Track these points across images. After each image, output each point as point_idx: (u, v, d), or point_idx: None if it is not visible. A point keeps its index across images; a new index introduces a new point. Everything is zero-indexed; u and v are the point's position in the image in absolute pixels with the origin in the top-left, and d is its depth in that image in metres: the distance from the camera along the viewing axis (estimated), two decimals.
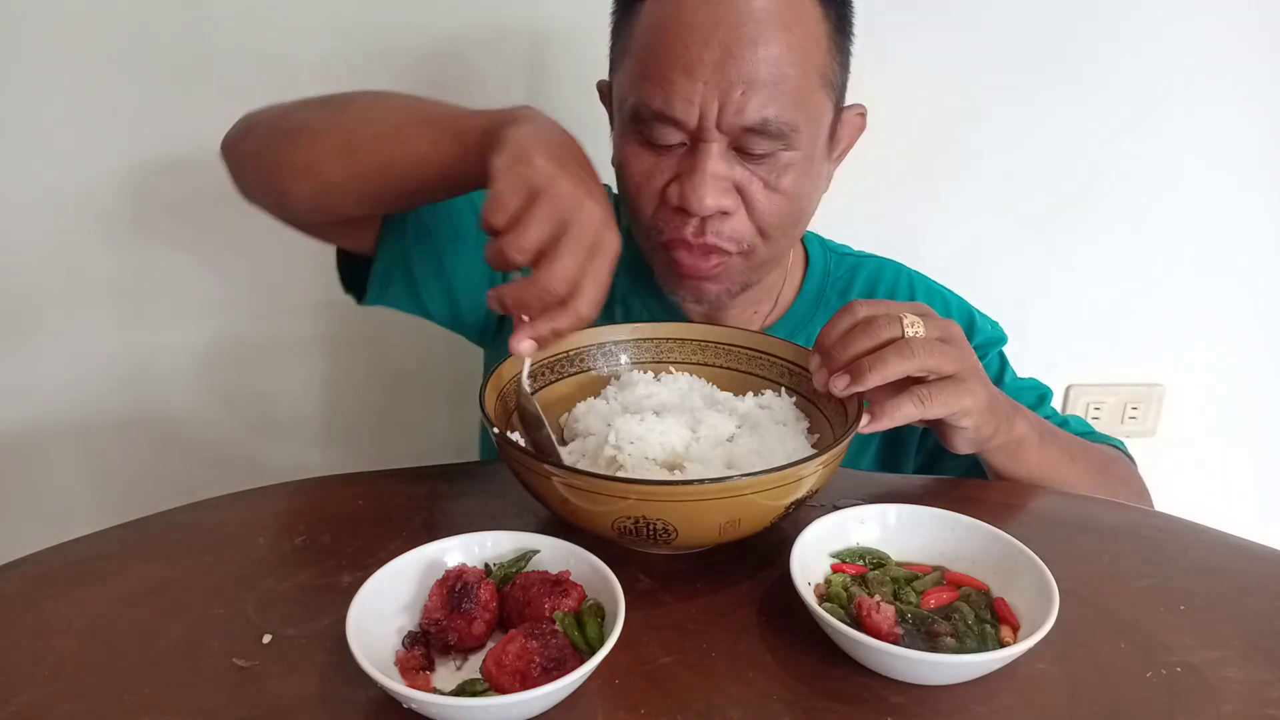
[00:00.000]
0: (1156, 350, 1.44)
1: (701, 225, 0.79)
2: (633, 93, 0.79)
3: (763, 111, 0.74)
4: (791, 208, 0.81)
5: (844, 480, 0.73)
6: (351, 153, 0.75)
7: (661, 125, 0.77)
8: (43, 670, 0.54)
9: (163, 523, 0.69)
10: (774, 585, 0.62)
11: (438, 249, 0.90)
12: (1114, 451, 0.89)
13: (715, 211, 0.78)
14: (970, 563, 0.60)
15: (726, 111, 0.74)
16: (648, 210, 0.82)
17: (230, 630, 0.57)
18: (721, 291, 0.85)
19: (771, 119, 0.75)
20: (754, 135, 0.76)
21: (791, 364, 0.76)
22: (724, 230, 0.79)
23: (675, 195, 0.78)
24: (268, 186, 0.82)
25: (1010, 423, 0.74)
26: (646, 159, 0.80)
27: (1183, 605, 0.60)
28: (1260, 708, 0.52)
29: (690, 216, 0.79)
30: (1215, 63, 1.26)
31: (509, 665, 0.49)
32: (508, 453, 0.62)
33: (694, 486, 0.57)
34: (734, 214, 0.79)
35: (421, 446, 1.38)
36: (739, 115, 0.74)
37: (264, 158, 0.81)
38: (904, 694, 0.52)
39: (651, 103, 0.76)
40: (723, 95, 0.74)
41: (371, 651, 0.50)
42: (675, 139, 0.78)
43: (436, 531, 0.59)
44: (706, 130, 0.75)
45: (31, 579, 0.62)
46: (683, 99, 0.75)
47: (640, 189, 0.81)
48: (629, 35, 0.80)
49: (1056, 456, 0.78)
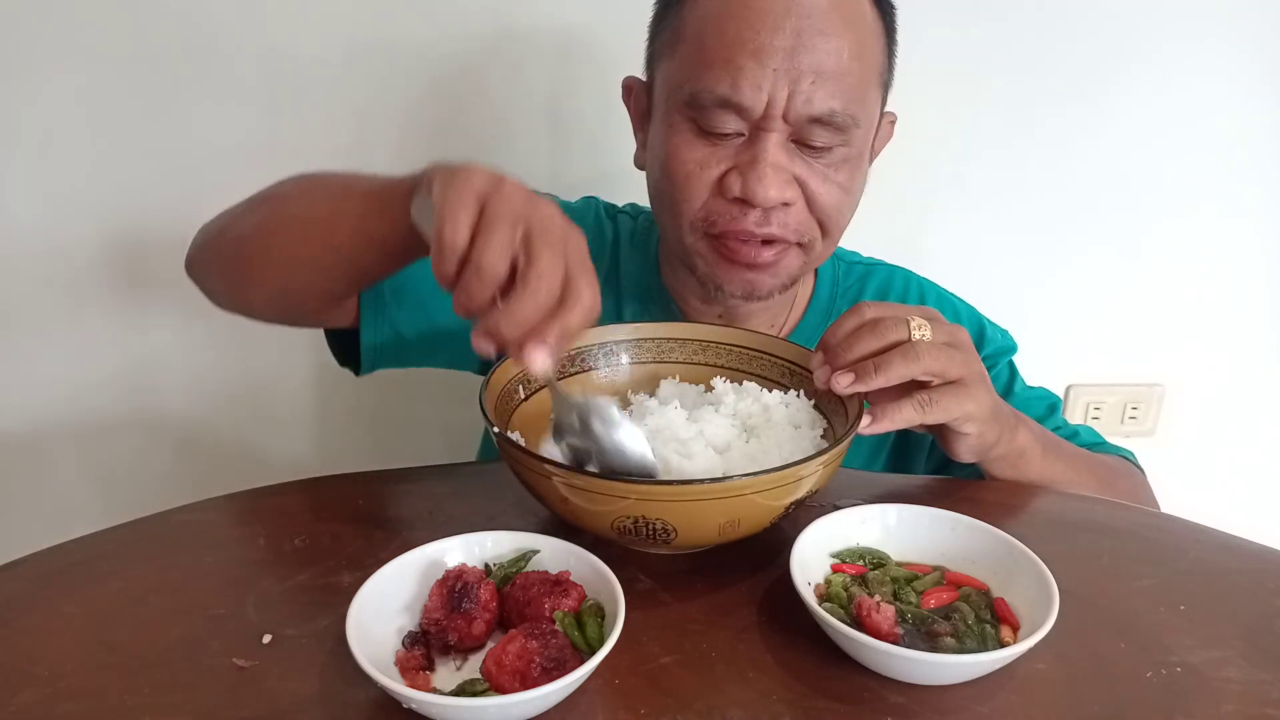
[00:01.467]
0: (1156, 350, 1.44)
1: (765, 216, 0.78)
2: (691, 79, 0.77)
3: (830, 103, 0.74)
4: (848, 203, 0.81)
5: (844, 480, 0.73)
6: (295, 253, 0.74)
7: (723, 112, 0.76)
8: (43, 670, 0.54)
9: (163, 523, 0.69)
10: (774, 585, 0.62)
11: (420, 304, 0.87)
12: (1122, 464, 0.88)
13: (778, 203, 0.77)
14: (970, 563, 0.60)
15: (796, 100, 0.74)
16: (697, 201, 0.80)
17: (230, 630, 0.57)
18: (775, 286, 0.84)
19: (839, 110, 0.75)
20: (817, 127, 0.75)
21: (793, 364, 0.76)
22: (789, 221, 0.79)
23: (736, 186, 0.77)
24: (232, 301, 0.83)
25: (1013, 433, 0.73)
26: (700, 149, 0.78)
27: (1183, 605, 0.60)
28: (1260, 707, 0.52)
29: (751, 208, 0.78)
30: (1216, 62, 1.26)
31: (509, 665, 0.49)
32: (507, 452, 0.62)
33: (694, 486, 0.57)
34: (794, 206, 0.78)
35: (421, 446, 1.38)
36: (808, 105, 0.74)
37: (219, 275, 0.82)
38: (904, 694, 0.52)
39: (717, 88, 0.75)
40: (793, 84, 0.74)
41: (371, 651, 0.50)
42: (733, 128, 0.77)
43: (436, 531, 0.59)
44: (771, 120, 0.75)
45: (31, 579, 0.62)
46: (752, 84, 0.74)
47: (691, 178, 0.79)
48: (682, 23, 0.79)
49: (1060, 469, 0.77)
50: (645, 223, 0.99)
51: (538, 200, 0.58)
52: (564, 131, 1.24)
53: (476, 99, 1.21)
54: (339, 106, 1.19)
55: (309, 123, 1.19)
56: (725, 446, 0.69)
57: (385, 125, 1.21)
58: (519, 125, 1.23)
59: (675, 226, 0.84)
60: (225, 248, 0.81)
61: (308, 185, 0.77)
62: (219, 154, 1.18)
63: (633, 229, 0.99)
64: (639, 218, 1.00)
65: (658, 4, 0.84)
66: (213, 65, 1.14)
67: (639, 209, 1.02)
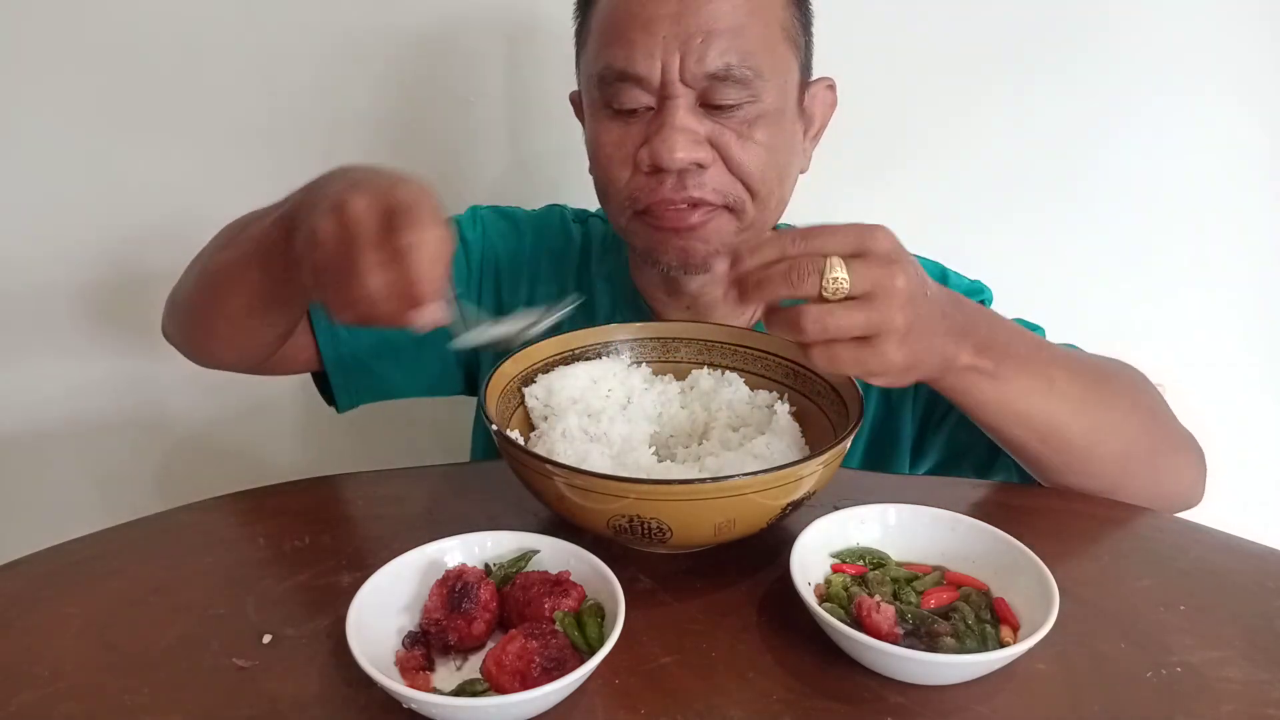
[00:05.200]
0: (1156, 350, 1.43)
1: (680, 181, 0.78)
2: (597, 60, 0.80)
3: (724, 58, 0.75)
4: (771, 160, 0.80)
5: (844, 480, 0.73)
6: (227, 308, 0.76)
7: (626, 86, 0.78)
8: (43, 670, 0.54)
9: (163, 523, 0.69)
10: (774, 585, 0.62)
11: (378, 333, 0.88)
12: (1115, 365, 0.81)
13: (688, 164, 0.77)
14: (970, 563, 0.60)
15: (688, 61, 0.75)
16: (621, 180, 0.81)
17: (230, 630, 0.57)
18: (709, 253, 0.82)
19: (735, 64, 0.76)
20: (719, 83, 0.76)
21: (795, 365, 0.76)
22: (705, 182, 0.79)
23: (647, 156, 0.78)
24: (202, 360, 0.87)
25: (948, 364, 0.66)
26: (615, 129, 0.80)
27: (1182, 605, 0.60)
28: (1260, 707, 0.52)
29: (665, 175, 0.78)
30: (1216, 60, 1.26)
31: (509, 665, 0.49)
32: (507, 451, 0.62)
33: (693, 486, 0.57)
34: (710, 167, 0.78)
35: (421, 446, 1.38)
36: (700, 63, 0.75)
37: (180, 339, 0.88)
38: (904, 694, 0.52)
39: (614, 63, 0.77)
40: (683, 46, 0.75)
41: (371, 652, 0.50)
42: (641, 101, 0.78)
43: (436, 531, 0.59)
44: (671, 85, 0.76)
45: (32, 579, 0.62)
46: (644, 54, 0.76)
47: (611, 159, 0.81)
48: (589, 19, 0.82)
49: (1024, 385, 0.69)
50: None
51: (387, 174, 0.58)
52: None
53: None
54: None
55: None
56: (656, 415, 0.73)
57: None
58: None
59: (611, 212, 0.85)
60: (178, 312, 0.86)
61: (226, 239, 0.79)
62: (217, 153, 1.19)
63: (605, 232, 0.99)
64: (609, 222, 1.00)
65: (575, 10, 0.86)
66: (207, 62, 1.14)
67: None
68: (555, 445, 0.68)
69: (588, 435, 0.70)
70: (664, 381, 0.78)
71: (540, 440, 0.70)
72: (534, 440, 0.71)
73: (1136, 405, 0.75)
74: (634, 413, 0.73)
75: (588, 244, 0.99)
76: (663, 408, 0.75)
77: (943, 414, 0.87)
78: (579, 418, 0.71)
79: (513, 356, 0.73)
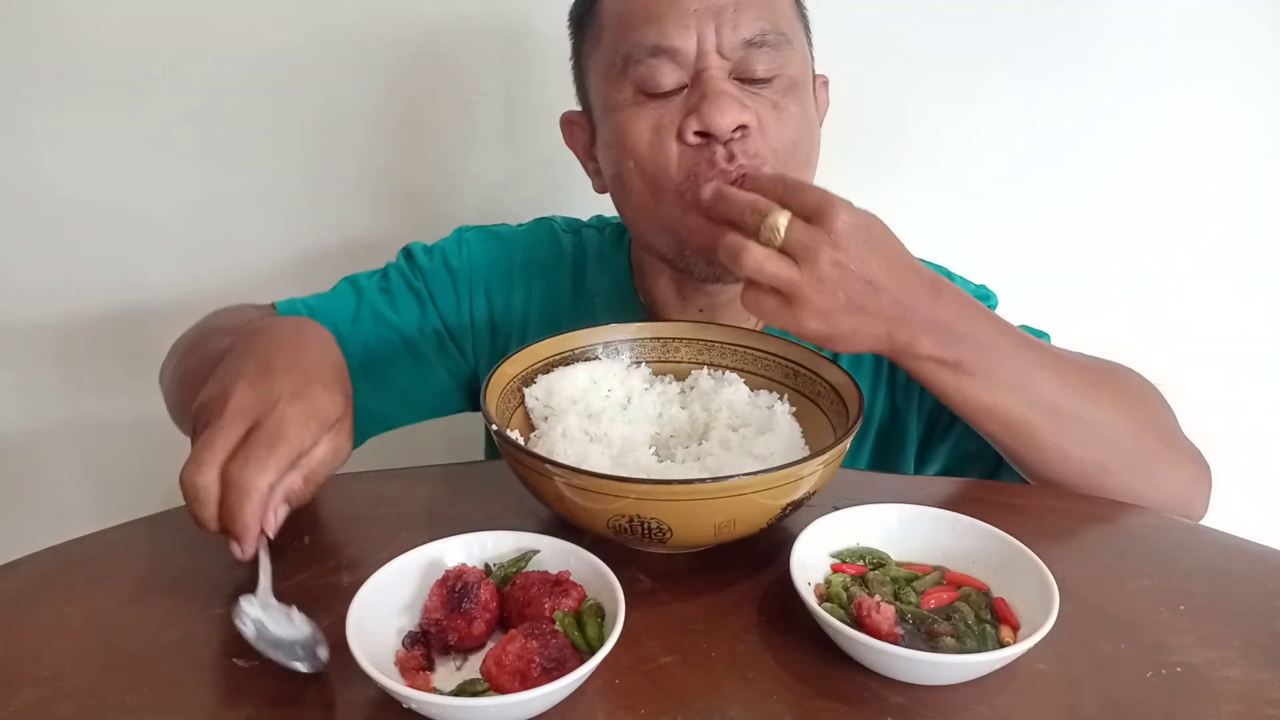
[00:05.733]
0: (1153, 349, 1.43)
1: (729, 150, 0.76)
2: (622, 44, 0.78)
3: (759, 23, 0.76)
4: (801, 135, 0.80)
5: (844, 480, 0.73)
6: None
7: (659, 64, 0.76)
8: (43, 670, 0.54)
9: (163, 522, 0.69)
10: (774, 585, 0.62)
11: (372, 375, 0.90)
12: (1115, 371, 0.81)
13: (737, 126, 0.76)
14: (970, 563, 0.60)
15: (724, 31, 0.76)
16: (671, 165, 0.78)
17: (230, 630, 0.56)
18: None
19: (770, 29, 0.77)
20: (754, 51, 0.77)
21: (796, 365, 0.76)
22: (748, 149, 0.77)
23: (695, 123, 0.76)
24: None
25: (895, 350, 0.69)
26: (650, 112, 0.78)
27: (1183, 605, 0.60)
28: (1260, 708, 0.52)
29: (715, 145, 0.76)
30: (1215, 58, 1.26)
31: (509, 665, 0.49)
32: (507, 451, 0.62)
33: (693, 486, 0.57)
34: (754, 131, 0.77)
35: (422, 446, 1.38)
36: (737, 30, 0.76)
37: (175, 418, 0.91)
38: (904, 694, 0.52)
39: (646, 40, 0.77)
40: (716, 16, 0.75)
41: (371, 651, 0.50)
42: (674, 80, 0.77)
43: (436, 531, 0.59)
44: (707, 55, 0.76)
45: (32, 579, 0.62)
46: (678, 27, 0.75)
47: (654, 145, 0.78)
48: (599, 20, 0.81)
49: (991, 381, 0.69)
50: (613, 234, 0.99)
51: (224, 388, 0.60)
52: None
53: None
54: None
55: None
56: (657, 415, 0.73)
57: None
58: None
59: (655, 211, 0.81)
60: (167, 397, 0.91)
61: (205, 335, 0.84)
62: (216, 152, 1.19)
63: (600, 242, 0.99)
64: (605, 230, 1.00)
65: (570, 22, 0.86)
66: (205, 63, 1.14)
67: (605, 221, 1.01)
68: (555, 445, 0.68)
69: (588, 435, 0.70)
70: (664, 382, 0.78)
71: (540, 440, 0.70)
72: (534, 440, 0.71)
73: (1122, 413, 0.75)
74: (634, 413, 0.73)
75: (581, 255, 0.98)
76: (663, 408, 0.75)
77: (949, 421, 0.87)
78: (579, 418, 0.71)
79: (512, 357, 0.73)
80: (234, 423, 0.58)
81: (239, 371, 0.61)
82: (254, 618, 0.54)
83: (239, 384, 0.60)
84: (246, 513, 0.56)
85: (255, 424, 0.58)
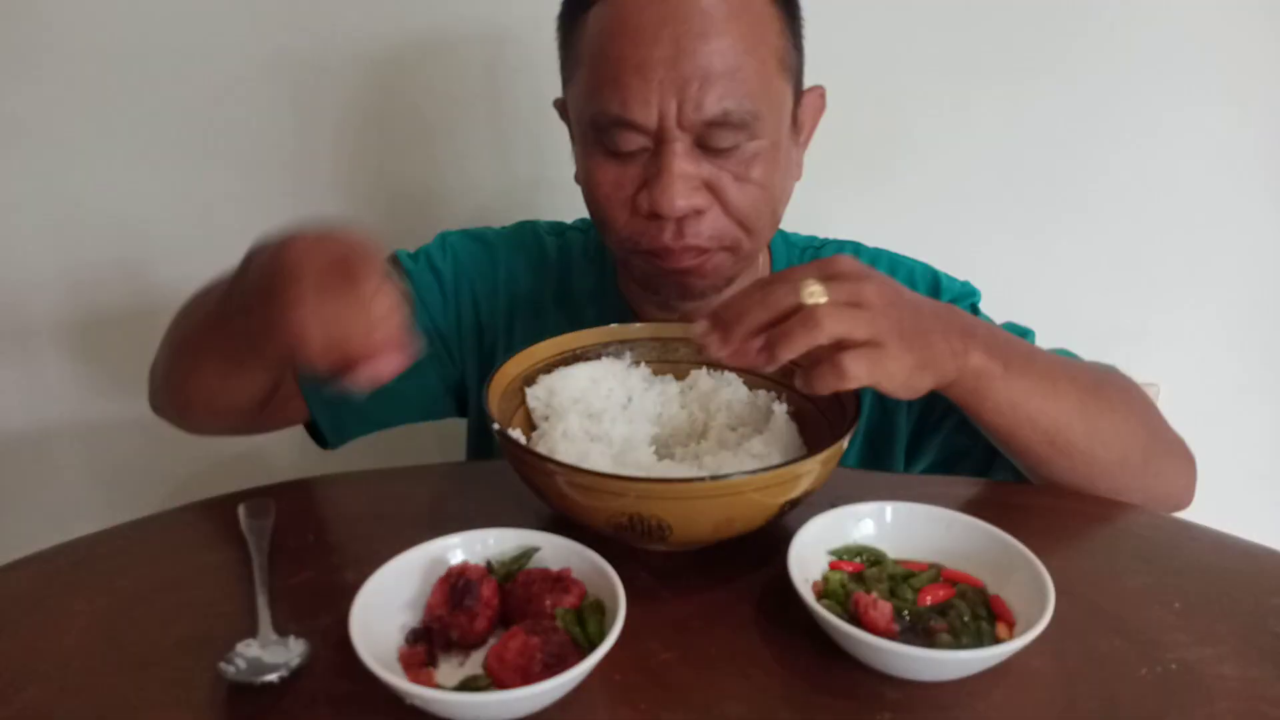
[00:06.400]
0: (1153, 350, 1.44)
1: (679, 228, 0.78)
2: (589, 103, 0.77)
3: (722, 103, 0.73)
4: (766, 196, 0.80)
5: (841, 479, 0.73)
6: (203, 381, 0.76)
7: (622, 131, 0.76)
8: (47, 667, 0.54)
9: (167, 521, 0.69)
10: (772, 582, 0.62)
11: None
12: (1107, 371, 0.82)
13: (688, 212, 0.76)
14: (966, 560, 0.61)
15: (686, 108, 0.73)
16: (620, 221, 0.80)
17: (233, 628, 0.57)
18: (708, 287, 0.83)
19: (733, 109, 0.74)
20: (717, 129, 0.74)
21: (795, 365, 0.76)
22: (702, 230, 0.78)
23: (646, 202, 0.77)
24: (191, 429, 0.88)
25: (960, 365, 0.65)
26: (611, 170, 0.79)
27: (1177, 603, 0.61)
28: (1254, 704, 0.52)
29: (665, 221, 0.77)
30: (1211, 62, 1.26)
31: (511, 661, 0.50)
32: (509, 450, 0.63)
33: (692, 484, 0.57)
34: (708, 211, 0.78)
35: (423, 446, 1.38)
36: (698, 110, 0.73)
37: (168, 413, 0.87)
38: (900, 690, 0.53)
39: (609, 109, 0.75)
40: (679, 92, 0.73)
41: (375, 648, 0.50)
42: (638, 144, 0.76)
43: (438, 529, 0.59)
44: (668, 130, 0.74)
45: (36, 577, 0.63)
46: (640, 101, 0.73)
47: (609, 200, 0.80)
48: (579, 46, 0.79)
49: (1031, 386, 0.69)
50: (598, 236, 0.98)
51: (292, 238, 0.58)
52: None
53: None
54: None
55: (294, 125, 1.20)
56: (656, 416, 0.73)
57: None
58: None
59: (609, 243, 0.85)
60: (159, 387, 0.86)
61: (193, 306, 0.80)
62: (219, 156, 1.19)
63: (584, 243, 0.99)
64: (590, 231, 1.00)
65: (559, 32, 0.84)
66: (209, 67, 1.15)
67: (589, 223, 1.00)
68: (556, 445, 0.69)
69: (588, 435, 0.70)
70: (664, 381, 0.78)
71: (541, 440, 0.70)
72: (535, 440, 0.71)
73: (1131, 410, 0.76)
74: (634, 413, 0.74)
75: (566, 257, 0.98)
76: (662, 408, 0.76)
77: (940, 416, 0.87)
78: (580, 418, 0.71)
79: (514, 357, 0.74)
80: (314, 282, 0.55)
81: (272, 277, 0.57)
82: (250, 657, 0.54)
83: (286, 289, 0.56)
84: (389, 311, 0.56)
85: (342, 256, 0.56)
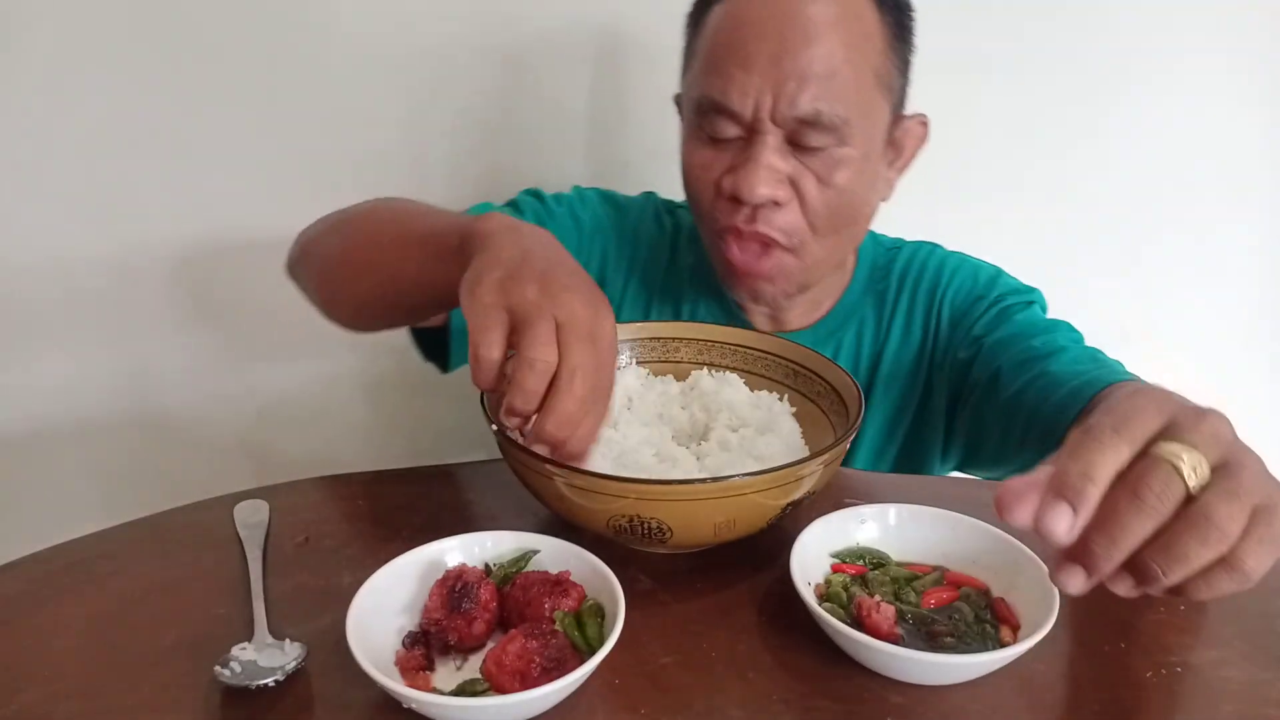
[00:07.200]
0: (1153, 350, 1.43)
1: (753, 214, 0.81)
2: (696, 87, 0.83)
3: (815, 104, 0.77)
4: (843, 203, 0.82)
5: (844, 480, 0.73)
6: (370, 284, 0.78)
7: (719, 117, 0.80)
8: (44, 669, 0.54)
9: (164, 522, 0.69)
10: (774, 585, 0.62)
11: None
12: None
13: (767, 200, 0.80)
14: (970, 562, 0.60)
15: (780, 103, 0.77)
16: (705, 201, 0.85)
17: (231, 630, 0.57)
18: (777, 292, 0.87)
19: (824, 111, 0.77)
20: (807, 128, 0.78)
21: (797, 365, 0.76)
22: (775, 220, 0.81)
23: (729, 185, 0.81)
24: (324, 313, 0.88)
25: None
26: (705, 153, 0.83)
27: (1182, 605, 0.60)
28: (1260, 707, 0.52)
29: (743, 205, 0.81)
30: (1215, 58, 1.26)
31: (509, 665, 0.49)
32: (508, 451, 0.62)
33: (693, 486, 0.57)
34: (785, 206, 0.81)
35: (422, 446, 1.38)
36: (791, 107, 0.77)
37: (311, 289, 0.88)
38: (904, 694, 0.53)
39: (711, 94, 0.80)
40: (776, 88, 0.77)
41: (372, 652, 0.50)
42: (732, 132, 0.81)
43: (436, 532, 0.59)
44: (761, 122, 0.78)
45: (33, 579, 0.62)
46: (739, 90, 0.78)
47: (698, 180, 0.84)
48: (698, 38, 0.84)
49: None
50: None
51: (557, 280, 0.59)
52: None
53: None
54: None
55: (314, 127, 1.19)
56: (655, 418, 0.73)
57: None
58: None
59: (699, 226, 0.90)
60: (312, 266, 0.87)
61: (383, 218, 0.82)
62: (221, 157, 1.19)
63: (691, 224, 1.01)
64: None
65: (686, 29, 0.88)
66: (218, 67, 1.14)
67: None
68: None
69: None
70: (664, 382, 0.78)
71: None
72: None
73: None
74: (635, 413, 0.73)
75: (677, 233, 1.02)
76: (663, 408, 0.75)
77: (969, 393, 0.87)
78: None
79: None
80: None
81: (536, 272, 0.59)
82: (246, 660, 0.54)
83: (562, 291, 0.58)
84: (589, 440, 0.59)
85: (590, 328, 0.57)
